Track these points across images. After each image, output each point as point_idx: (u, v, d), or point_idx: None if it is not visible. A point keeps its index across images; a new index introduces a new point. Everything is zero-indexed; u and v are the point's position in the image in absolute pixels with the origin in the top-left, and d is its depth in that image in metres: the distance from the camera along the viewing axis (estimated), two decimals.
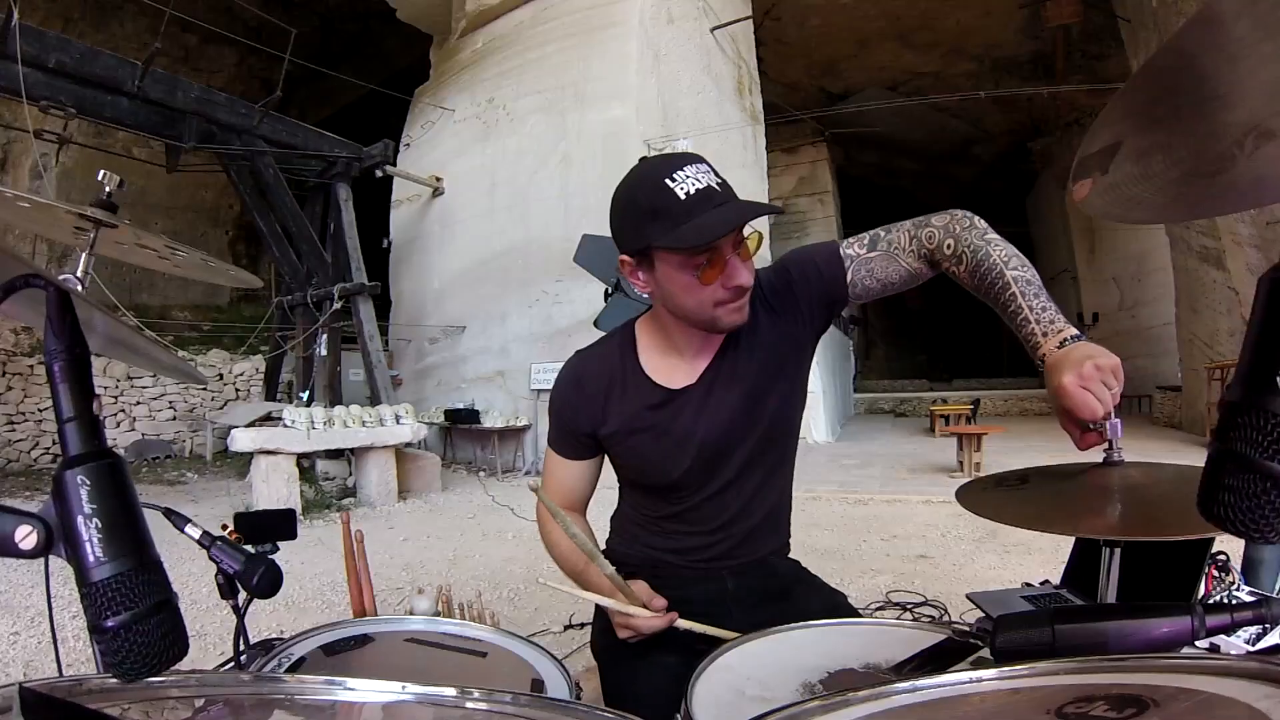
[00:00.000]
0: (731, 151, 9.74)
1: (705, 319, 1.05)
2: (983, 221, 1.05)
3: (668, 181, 0.96)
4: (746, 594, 1.19)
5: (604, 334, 1.29)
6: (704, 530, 1.20)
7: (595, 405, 1.17)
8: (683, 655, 1.01)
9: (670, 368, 1.17)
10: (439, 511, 6.08)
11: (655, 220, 0.97)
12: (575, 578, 1.15)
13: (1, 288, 0.55)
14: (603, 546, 1.35)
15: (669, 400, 1.15)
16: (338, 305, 8.27)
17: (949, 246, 1.04)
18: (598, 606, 1.27)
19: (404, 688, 0.59)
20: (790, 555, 1.33)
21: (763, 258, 1.08)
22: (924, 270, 1.10)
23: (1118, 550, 1.19)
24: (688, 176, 0.96)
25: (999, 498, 1.28)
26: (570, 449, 1.21)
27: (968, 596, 2.11)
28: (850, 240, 1.13)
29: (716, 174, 1.00)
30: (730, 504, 1.18)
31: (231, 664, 1.02)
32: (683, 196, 0.95)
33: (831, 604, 1.19)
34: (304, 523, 4.86)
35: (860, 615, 1.17)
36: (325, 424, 6.13)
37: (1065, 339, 0.89)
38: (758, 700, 0.80)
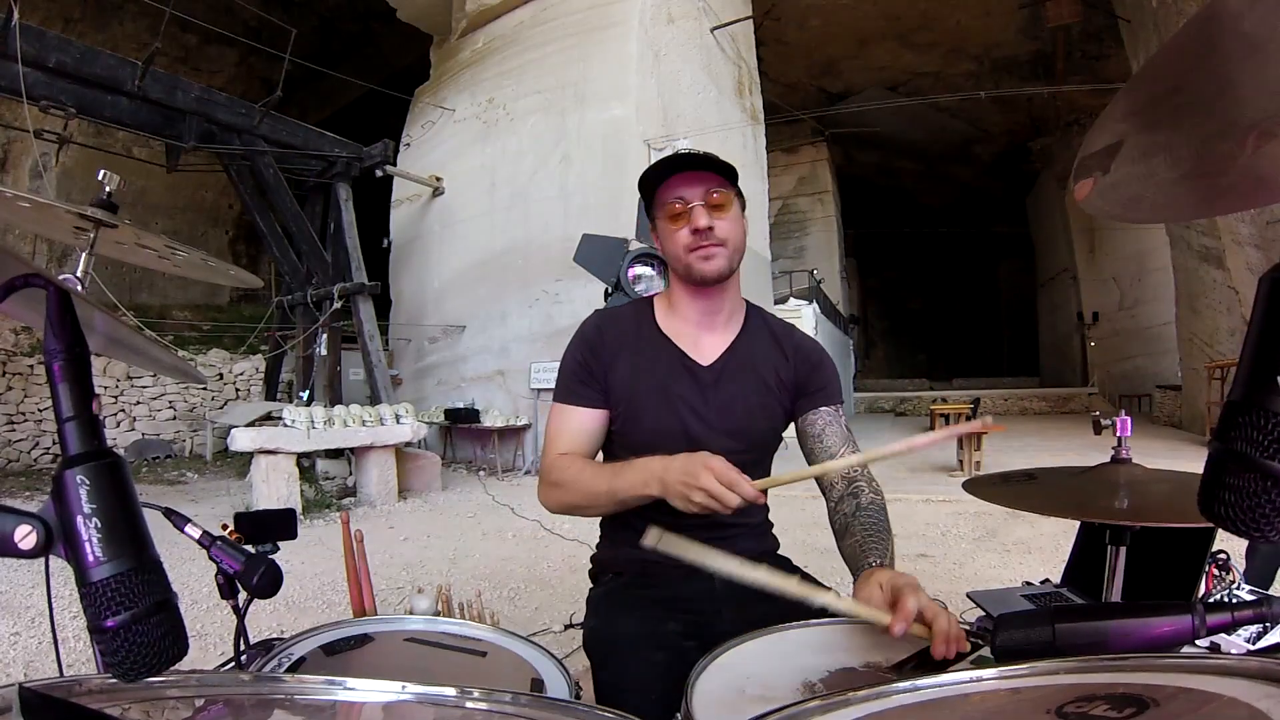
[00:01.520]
0: (731, 151, 9.74)
1: (683, 265, 1.20)
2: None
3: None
4: (735, 592, 1.19)
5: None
6: (687, 525, 1.19)
7: (612, 351, 1.25)
8: (673, 653, 1.01)
9: (682, 334, 1.26)
10: (439, 511, 6.08)
11: (649, 173, 1.20)
12: (607, 497, 1.13)
13: (1, 287, 0.54)
14: (592, 551, 1.36)
15: (684, 365, 1.24)
16: (338, 305, 8.26)
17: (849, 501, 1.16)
18: (588, 604, 1.27)
19: (404, 687, 0.59)
20: (781, 553, 1.34)
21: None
22: (823, 477, 1.20)
23: (1123, 549, 1.20)
24: (681, 149, 1.25)
25: (1008, 490, 1.29)
26: (582, 395, 1.24)
27: (968, 595, 2.11)
28: (843, 418, 1.28)
29: (712, 156, 1.19)
30: None
31: (232, 664, 1.02)
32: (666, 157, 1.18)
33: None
34: (304, 522, 4.86)
35: None
36: (325, 423, 6.12)
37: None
38: (758, 699, 0.80)
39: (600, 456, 1.29)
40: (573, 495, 1.17)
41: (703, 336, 1.25)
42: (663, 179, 1.18)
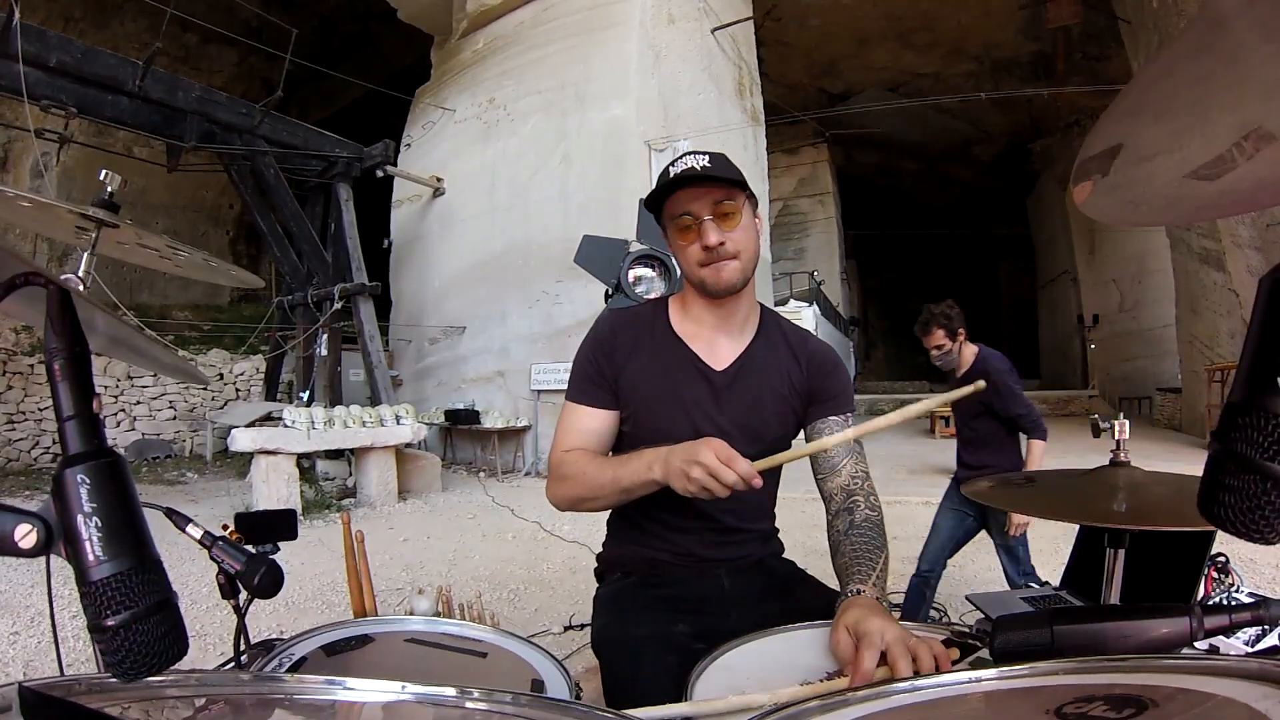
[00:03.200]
0: (732, 152, 9.52)
1: (697, 280, 1.19)
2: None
3: (671, 166, 1.15)
4: (744, 593, 1.20)
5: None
6: (696, 528, 1.21)
7: (625, 352, 1.24)
8: (683, 654, 1.01)
9: (696, 338, 1.25)
10: (439, 512, 6.08)
11: (654, 192, 1.18)
12: (612, 486, 1.11)
13: (1, 285, 0.55)
14: (599, 549, 1.35)
15: (697, 369, 1.23)
16: (338, 305, 8.27)
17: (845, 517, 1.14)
18: (595, 602, 1.27)
19: (404, 687, 0.59)
20: (785, 557, 1.34)
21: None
22: (820, 488, 1.21)
23: (1121, 552, 1.20)
24: (686, 159, 1.14)
25: (1007, 493, 1.29)
26: (592, 395, 1.24)
27: (967, 598, 2.11)
28: (850, 423, 1.25)
29: (719, 160, 1.14)
30: (723, 502, 1.18)
31: (232, 664, 1.02)
32: (671, 174, 1.13)
33: (829, 603, 1.20)
34: (304, 523, 4.85)
35: None
36: (325, 424, 6.12)
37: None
38: None
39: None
40: (579, 488, 1.16)
41: (717, 341, 1.24)
42: (668, 194, 1.16)
